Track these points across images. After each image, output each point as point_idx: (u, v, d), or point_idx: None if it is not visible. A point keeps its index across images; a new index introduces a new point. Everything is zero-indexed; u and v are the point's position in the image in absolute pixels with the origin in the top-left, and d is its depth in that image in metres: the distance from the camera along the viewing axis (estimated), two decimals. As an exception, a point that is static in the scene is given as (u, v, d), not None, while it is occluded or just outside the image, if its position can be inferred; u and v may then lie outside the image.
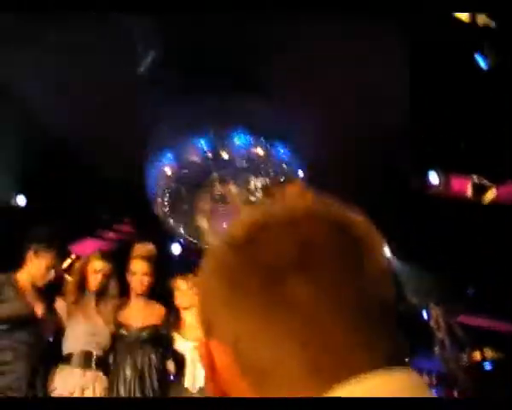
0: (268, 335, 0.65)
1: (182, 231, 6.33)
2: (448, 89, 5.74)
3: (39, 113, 6.00)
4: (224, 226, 5.97)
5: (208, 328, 0.72)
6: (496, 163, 6.26)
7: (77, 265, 4.56)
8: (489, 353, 7.33)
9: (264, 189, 3.70)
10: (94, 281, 4.42)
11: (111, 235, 7.96)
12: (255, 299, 0.67)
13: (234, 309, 0.68)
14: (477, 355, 7.31)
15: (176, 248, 7.56)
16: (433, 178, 6.56)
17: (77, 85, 5.66)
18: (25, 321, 4.04)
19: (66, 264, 7.04)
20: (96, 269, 4.45)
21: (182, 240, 6.78)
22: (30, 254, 4.29)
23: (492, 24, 5.02)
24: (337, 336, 0.64)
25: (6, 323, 3.98)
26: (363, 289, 0.66)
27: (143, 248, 4.65)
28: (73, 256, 7.26)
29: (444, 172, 6.51)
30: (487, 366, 7.24)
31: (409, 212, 7.07)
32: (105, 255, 4.77)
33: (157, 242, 5.91)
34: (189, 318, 4.39)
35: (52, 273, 4.32)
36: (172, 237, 7.34)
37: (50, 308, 4.27)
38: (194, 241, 6.43)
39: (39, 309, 4.18)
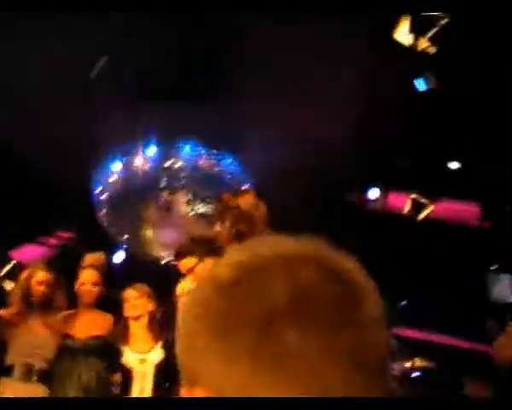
0: (258, 383, 0.62)
1: (126, 239, 6.29)
2: (391, 107, 5.96)
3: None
4: (169, 237, 5.99)
5: (191, 375, 0.67)
6: (434, 181, 6.52)
7: (21, 276, 4.45)
8: (419, 362, 7.57)
9: (219, 199, 3.69)
10: (38, 292, 4.34)
11: (52, 241, 7.82)
12: (244, 346, 0.63)
13: (220, 356, 0.64)
14: (408, 365, 7.56)
15: (119, 256, 7.50)
16: (373, 193, 6.77)
17: (25, 88, 5.56)
18: None
19: (5, 270, 6.92)
20: (40, 280, 4.37)
21: (125, 248, 6.72)
22: None
23: (433, 49, 5.26)
24: (336, 385, 0.62)
25: None
26: (356, 336, 0.64)
27: (94, 258, 4.60)
28: (13, 262, 7.12)
29: (384, 188, 6.73)
30: (417, 375, 7.49)
31: (347, 224, 7.25)
32: (49, 265, 4.70)
33: (100, 249, 5.89)
34: (137, 329, 4.33)
35: None
36: (115, 245, 7.29)
37: None
38: (139, 249, 6.40)
39: None
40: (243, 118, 5.94)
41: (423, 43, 5.27)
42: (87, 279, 4.44)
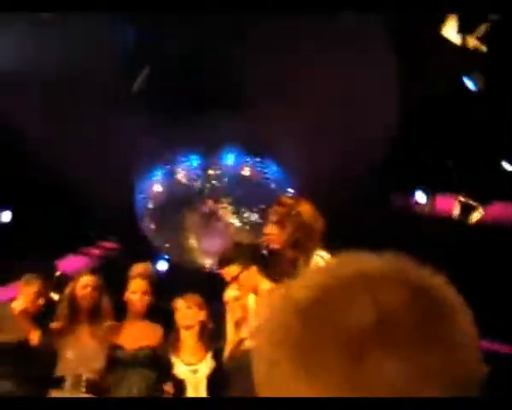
0: None
1: (169, 248, 6.27)
2: (438, 108, 5.80)
3: (26, 130, 5.93)
4: (213, 245, 5.93)
5: None
6: (483, 183, 6.33)
7: (67, 288, 4.49)
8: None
9: (280, 202, 3.59)
10: (84, 297, 4.37)
11: (95, 252, 7.87)
12: (332, 375, 0.59)
13: (305, 386, 0.60)
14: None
15: (161, 266, 7.50)
16: (420, 196, 6.61)
17: (65, 103, 5.60)
18: (21, 348, 4.08)
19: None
20: (85, 284, 4.41)
21: (168, 257, 6.71)
22: (21, 284, 4.37)
23: (483, 48, 5.10)
24: None
25: (4, 351, 4.06)
26: (448, 354, 0.61)
27: (142, 267, 4.62)
28: (58, 273, 7.18)
29: (430, 191, 6.57)
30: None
31: (392, 230, 7.09)
32: (92, 270, 4.86)
33: (143, 259, 5.88)
34: (188, 339, 4.34)
35: (42, 300, 4.38)
36: (158, 255, 7.28)
37: (45, 334, 4.25)
38: (182, 258, 6.37)
39: (35, 336, 4.17)
40: (286, 125, 5.86)
41: (472, 41, 5.10)
42: (136, 289, 4.45)
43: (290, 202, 3.60)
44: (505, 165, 6.08)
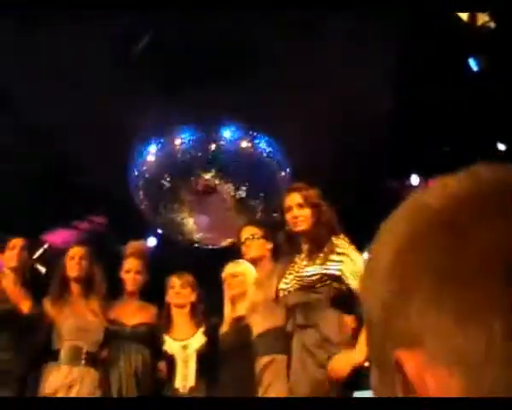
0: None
1: (162, 223, 6.20)
2: (435, 90, 5.76)
3: (15, 99, 5.80)
4: (208, 221, 5.89)
5: (407, 336, 0.53)
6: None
7: (59, 261, 4.51)
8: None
9: (298, 187, 3.73)
10: (71, 267, 4.38)
11: (84, 225, 7.79)
12: (489, 297, 0.49)
13: (454, 309, 0.50)
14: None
15: (151, 242, 7.43)
16: (415, 180, 6.60)
17: (56, 73, 5.48)
18: (12, 319, 4.09)
19: (38, 253, 6.88)
20: (72, 255, 4.43)
21: (160, 233, 6.65)
22: (4, 250, 4.36)
23: (491, 24, 5.00)
24: None
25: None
26: None
27: (136, 246, 4.68)
28: (46, 246, 7.09)
29: (424, 176, 6.54)
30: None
31: (387, 214, 7.06)
32: (80, 242, 4.92)
33: (133, 234, 5.82)
34: (179, 316, 4.43)
35: (24, 258, 4.36)
36: (148, 230, 7.21)
37: (37, 305, 4.28)
38: (175, 234, 6.31)
39: (25, 307, 4.21)
40: (283, 99, 5.79)
41: (482, 18, 4.98)
42: (130, 268, 4.51)
43: (306, 187, 3.74)
44: (500, 146, 6.05)
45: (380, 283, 0.56)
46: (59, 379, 4.01)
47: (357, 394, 3.45)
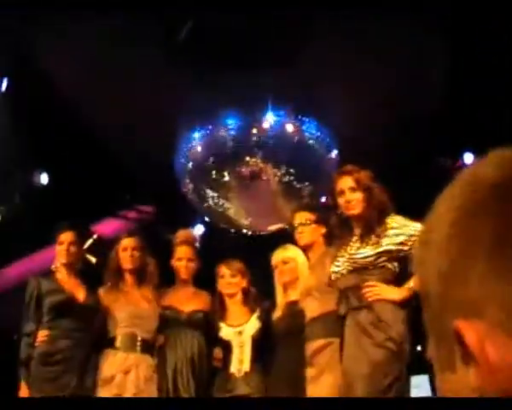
0: None
1: (210, 210, 6.20)
2: (490, 68, 5.57)
3: (64, 90, 5.87)
4: (254, 207, 5.87)
5: (466, 306, 0.54)
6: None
7: (112, 251, 4.56)
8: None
9: (346, 170, 3.68)
10: (124, 258, 4.45)
11: (133, 215, 7.87)
12: None
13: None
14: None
15: (198, 229, 7.45)
16: (468, 158, 6.43)
17: (105, 62, 5.51)
18: (68, 309, 4.22)
19: (88, 244, 6.98)
20: (124, 246, 4.48)
21: (207, 220, 6.65)
22: (56, 243, 4.45)
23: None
24: None
25: (51, 313, 4.18)
26: None
27: (185, 234, 4.72)
28: (95, 236, 7.18)
29: (479, 153, 6.35)
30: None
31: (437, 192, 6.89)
32: (131, 232, 4.88)
33: (180, 222, 5.83)
34: (232, 304, 4.45)
35: (74, 252, 4.42)
36: (195, 218, 7.22)
37: (92, 294, 4.39)
38: (221, 220, 6.30)
39: (81, 296, 4.33)
40: (327, 83, 5.69)
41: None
42: (182, 256, 4.55)
43: (357, 169, 3.69)
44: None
45: (437, 254, 0.57)
46: (115, 365, 4.10)
47: (416, 378, 3.40)
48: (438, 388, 0.56)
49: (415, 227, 3.41)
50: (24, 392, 4.04)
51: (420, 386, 5.78)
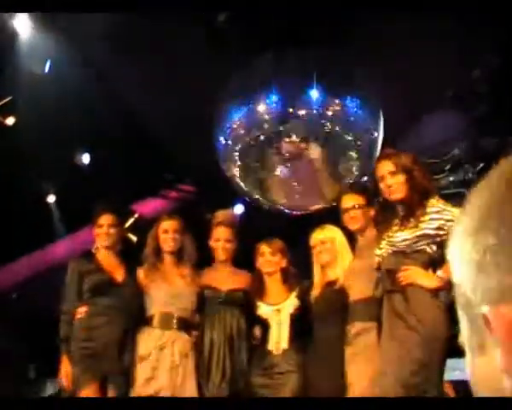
0: None
1: (249, 190, 6.20)
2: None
3: (105, 73, 5.95)
4: (295, 186, 5.84)
5: (492, 293, 0.56)
6: None
7: (151, 231, 4.64)
8: None
9: (386, 154, 3.71)
10: (165, 240, 4.52)
11: (173, 194, 7.95)
12: None
13: None
14: None
15: (238, 209, 7.48)
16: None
17: (145, 46, 5.56)
18: (107, 288, 4.35)
19: (129, 223, 7.09)
20: (165, 229, 4.54)
21: (248, 200, 6.66)
22: (95, 225, 4.58)
23: None
24: None
25: (91, 292, 4.33)
26: None
27: (224, 215, 4.75)
28: (136, 215, 7.29)
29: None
30: None
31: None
32: (173, 214, 4.94)
33: (221, 202, 5.86)
34: (271, 283, 4.49)
35: (113, 234, 4.53)
36: (235, 198, 7.24)
37: (131, 273, 4.50)
38: (262, 200, 6.30)
39: (120, 276, 4.45)
40: (367, 62, 5.60)
41: None
42: (220, 236, 4.59)
43: (396, 152, 3.71)
44: None
45: (469, 242, 0.59)
46: (152, 342, 4.21)
47: (452, 361, 3.38)
48: (469, 371, 0.57)
49: (453, 213, 3.40)
50: (65, 367, 4.20)
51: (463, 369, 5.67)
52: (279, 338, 4.24)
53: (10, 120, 6.14)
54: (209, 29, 5.68)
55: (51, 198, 7.49)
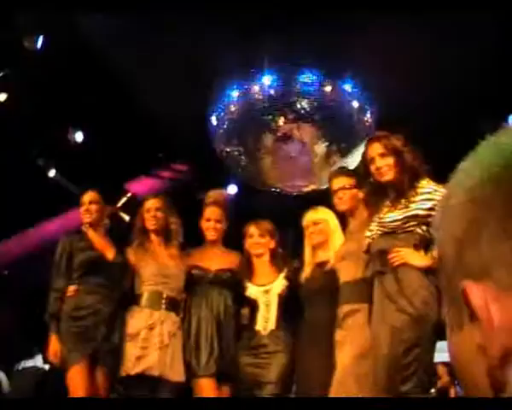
0: None
1: (243, 170, 6.19)
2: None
3: (101, 51, 5.90)
4: (288, 168, 5.85)
5: (475, 269, 0.57)
6: None
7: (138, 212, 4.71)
8: None
9: (377, 137, 3.70)
10: (148, 219, 4.55)
11: (166, 174, 7.94)
12: None
13: None
14: None
15: (232, 189, 7.47)
16: (512, 121, 6.24)
17: (141, 25, 5.52)
18: (97, 266, 4.38)
19: (122, 202, 7.10)
20: (148, 208, 4.58)
21: (240, 180, 6.66)
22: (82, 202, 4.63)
23: None
24: None
25: (81, 270, 4.36)
26: None
27: (215, 195, 4.75)
28: (129, 194, 7.29)
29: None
30: None
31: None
32: (158, 193, 5.09)
33: (214, 182, 5.85)
34: (260, 264, 4.51)
35: (95, 210, 4.57)
36: (229, 178, 7.24)
37: (121, 252, 4.52)
38: (255, 181, 6.30)
39: (110, 254, 4.48)
40: (366, 44, 5.56)
41: None
42: (211, 216, 4.60)
43: (386, 134, 3.69)
44: None
45: (453, 219, 0.60)
46: (141, 321, 4.23)
47: (444, 342, 3.38)
48: (448, 349, 0.57)
49: (439, 194, 3.38)
50: (54, 345, 4.23)
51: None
52: (267, 319, 4.26)
53: (2, 96, 6.12)
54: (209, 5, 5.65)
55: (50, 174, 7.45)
